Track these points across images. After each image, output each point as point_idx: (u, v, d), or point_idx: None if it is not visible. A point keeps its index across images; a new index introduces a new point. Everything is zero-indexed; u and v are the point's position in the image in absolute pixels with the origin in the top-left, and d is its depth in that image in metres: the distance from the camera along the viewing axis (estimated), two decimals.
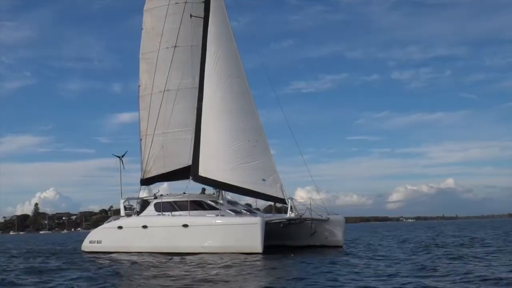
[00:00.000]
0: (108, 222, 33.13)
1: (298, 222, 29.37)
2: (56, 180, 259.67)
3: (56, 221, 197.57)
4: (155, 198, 31.66)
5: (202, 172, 30.00)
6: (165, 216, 29.34)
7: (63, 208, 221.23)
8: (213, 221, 27.31)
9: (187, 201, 29.67)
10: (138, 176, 34.17)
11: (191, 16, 32.13)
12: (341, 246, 29.74)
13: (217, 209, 29.37)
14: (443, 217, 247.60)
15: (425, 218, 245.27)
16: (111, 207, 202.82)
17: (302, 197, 32.88)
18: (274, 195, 28.73)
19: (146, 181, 33.67)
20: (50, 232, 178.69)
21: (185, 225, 27.76)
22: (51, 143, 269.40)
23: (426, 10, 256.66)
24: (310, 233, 29.73)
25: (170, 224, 28.56)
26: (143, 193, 34.38)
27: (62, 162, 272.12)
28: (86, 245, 32.72)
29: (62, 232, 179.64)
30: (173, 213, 29.21)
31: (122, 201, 33.63)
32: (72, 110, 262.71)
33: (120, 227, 30.85)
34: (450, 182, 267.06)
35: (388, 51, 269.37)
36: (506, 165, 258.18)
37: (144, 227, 29.44)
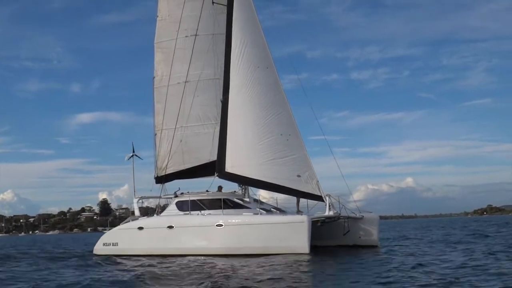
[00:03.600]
0: (126, 222, 30.71)
1: (332, 221, 27.89)
2: (14, 181, 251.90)
3: (13, 223, 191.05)
4: (176, 196, 29.58)
5: (229, 168, 28.10)
6: (194, 215, 27.36)
7: (21, 210, 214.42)
8: (253, 220, 25.55)
9: (215, 199, 27.85)
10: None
11: (213, 2, 30.23)
12: (376, 246, 28.36)
13: (246, 207, 27.65)
14: (402, 216, 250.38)
15: (385, 217, 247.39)
16: (70, 209, 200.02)
17: None
18: (310, 192, 27.03)
19: (162, 179, 31.42)
20: (7, 235, 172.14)
21: (220, 225, 25.87)
22: (8, 144, 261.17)
23: (384, 11, 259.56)
24: (344, 232, 28.27)
25: (201, 224, 26.65)
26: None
27: (20, 163, 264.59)
28: (99, 248, 30.33)
29: (20, 235, 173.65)
30: (202, 212, 27.26)
31: (135, 200, 31.31)
32: (31, 111, 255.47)
33: (140, 228, 28.61)
34: (409, 181, 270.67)
35: (347, 51, 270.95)
36: (464, 164, 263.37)
37: (170, 227, 27.38)
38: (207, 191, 29.34)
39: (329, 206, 26.68)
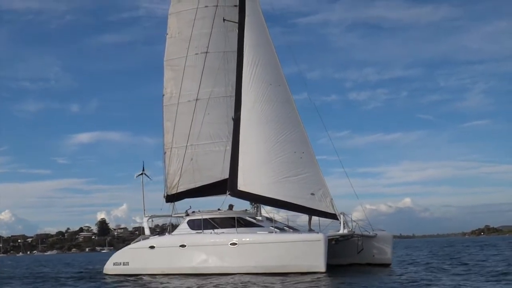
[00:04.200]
0: (136, 242, 30.24)
1: (345, 239, 27.56)
2: (12, 201, 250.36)
3: (11, 243, 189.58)
4: (187, 215, 29.21)
5: (242, 186, 27.78)
6: (207, 234, 26.99)
7: (19, 230, 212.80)
8: (268, 239, 25.20)
9: (227, 217, 27.53)
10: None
11: (224, 20, 30.15)
12: (389, 265, 28.03)
13: (259, 226, 27.32)
14: (400, 236, 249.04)
15: None
16: (68, 228, 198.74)
17: None
18: (325, 210, 26.72)
19: (172, 198, 31.04)
20: (5, 255, 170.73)
21: (234, 243, 25.51)
22: (6, 163, 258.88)
23: (382, 33, 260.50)
24: (357, 250, 27.92)
25: (214, 243, 26.25)
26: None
27: (18, 183, 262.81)
28: (110, 268, 29.85)
29: (17, 255, 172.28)
30: (215, 230, 26.89)
31: (145, 219, 30.80)
32: (29, 131, 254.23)
33: (152, 247, 28.17)
34: (407, 201, 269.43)
35: (345, 71, 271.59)
36: (462, 185, 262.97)
37: (182, 246, 26.99)
38: (218, 209, 29.00)
39: (344, 224, 26.41)
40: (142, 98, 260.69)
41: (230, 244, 25.59)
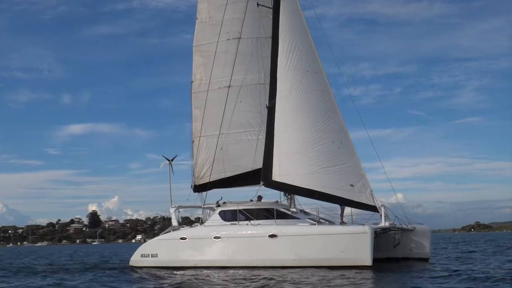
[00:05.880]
0: (165, 233, 29.21)
1: (382, 233, 26.73)
2: (3, 192, 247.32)
3: (1, 234, 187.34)
4: (218, 205, 28.24)
5: (277, 176, 26.89)
6: (242, 225, 26.06)
7: (10, 221, 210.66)
8: (311, 231, 24.34)
9: (263, 208, 26.63)
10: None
11: (258, 5, 29.15)
12: (427, 259, 27.25)
13: (295, 217, 26.47)
14: None
15: None
16: (59, 220, 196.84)
17: None
18: (364, 202, 25.85)
19: (200, 188, 30.02)
20: None
21: (273, 235, 24.61)
22: None
23: (378, 28, 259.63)
24: (394, 244, 27.10)
25: (253, 235, 25.33)
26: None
27: (9, 174, 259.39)
28: (137, 259, 28.86)
29: (8, 246, 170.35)
30: (251, 222, 25.96)
31: (172, 209, 29.69)
32: (20, 121, 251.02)
33: (183, 238, 27.19)
34: (400, 197, 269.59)
35: (341, 67, 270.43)
36: (454, 181, 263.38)
37: (217, 237, 26.04)
38: (251, 200, 28.06)
39: (385, 217, 25.58)
40: (135, 90, 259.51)
41: (268, 236, 24.69)
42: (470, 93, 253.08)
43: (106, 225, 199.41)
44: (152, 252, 28.22)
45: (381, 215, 25.54)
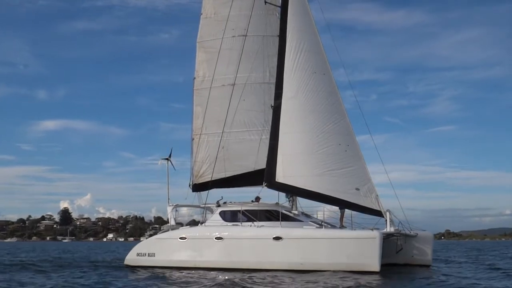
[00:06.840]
0: (163, 232, 28.45)
1: (386, 238, 26.38)
2: None
3: None
4: (218, 205, 27.61)
5: (280, 177, 26.36)
6: (245, 226, 25.48)
7: None
8: (318, 234, 23.87)
9: (265, 210, 26.10)
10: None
11: (265, 2, 28.61)
12: (429, 266, 27.00)
13: (297, 220, 25.98)
14: None
15: None
16: (30, 216, 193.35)
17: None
18: (369, 206, 25.50)
19: (199, 187, 29.33)
20: None
21: (277, 238, 24.09)
22: None
23: (355, 36, 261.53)
24: (396, 250, 26.80)
25: (256, 236, 24.75)
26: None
27: None
28: (132, 258, 28.02)
29: None
30: (255, 223, 25.41)
31: (170, 208, 28.96)
32: None
33: (183, 238, 26.50)
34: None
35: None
36: (425, 189, 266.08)
37: (218, 238, 25.42)
38: (252, 201, 27.48)
39: (390, 222, 25.25)
40: (111, 87, 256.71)
41: (273, 238, 24.16)
42: (444, 102, 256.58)
43: (78, 223, 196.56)
44: (149, 251, 27.44)
45: (386, 220, 25.23)
